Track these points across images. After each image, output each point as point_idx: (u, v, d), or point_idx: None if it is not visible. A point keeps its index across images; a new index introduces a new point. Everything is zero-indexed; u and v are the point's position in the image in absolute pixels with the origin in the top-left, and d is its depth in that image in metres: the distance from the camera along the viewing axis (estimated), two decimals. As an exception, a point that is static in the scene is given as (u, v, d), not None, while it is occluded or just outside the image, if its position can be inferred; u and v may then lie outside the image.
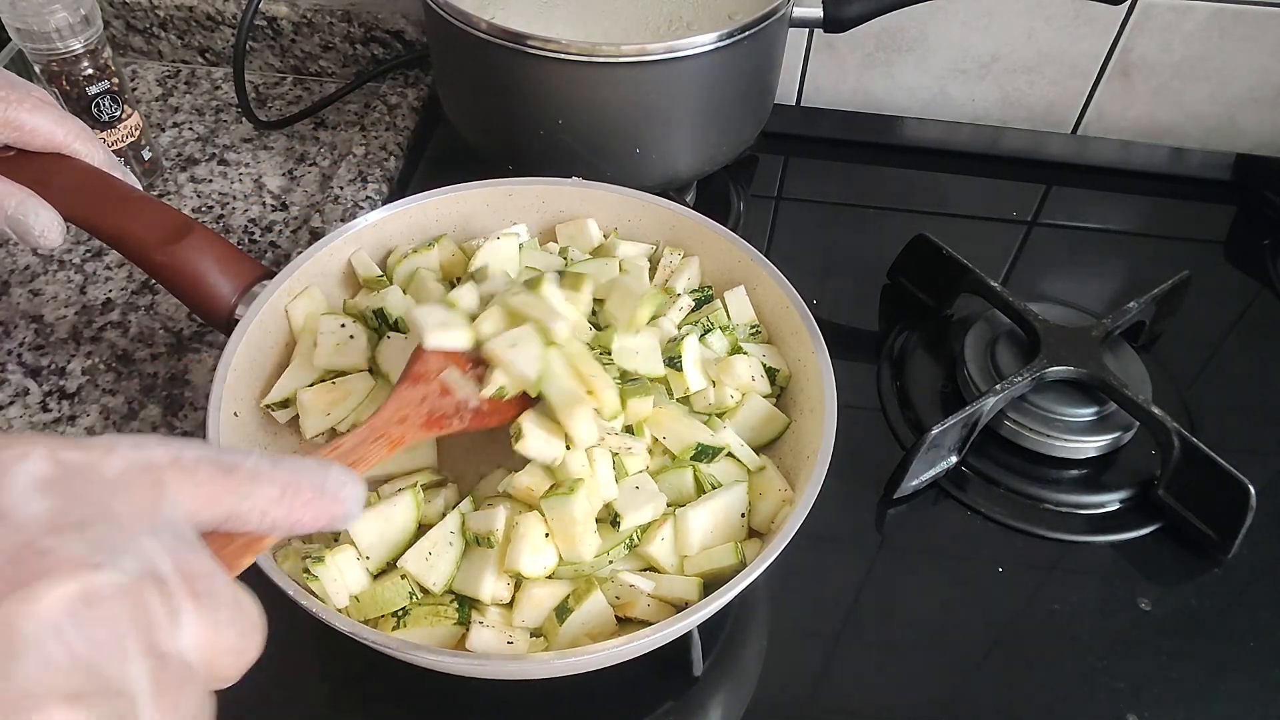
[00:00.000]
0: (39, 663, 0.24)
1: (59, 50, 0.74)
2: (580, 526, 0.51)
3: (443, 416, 0.52)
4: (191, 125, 0.93)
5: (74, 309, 0.75)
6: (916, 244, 0.80)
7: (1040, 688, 0.58)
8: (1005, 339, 0.74)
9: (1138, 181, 0.95)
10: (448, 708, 0.57)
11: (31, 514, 0.26)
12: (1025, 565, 0.64)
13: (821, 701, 0.57)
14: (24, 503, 0.26)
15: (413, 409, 0.51)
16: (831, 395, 0.56)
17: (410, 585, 0.51)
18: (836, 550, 0.65)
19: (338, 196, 0.85)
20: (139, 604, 0.26)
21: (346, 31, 0.96)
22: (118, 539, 0.27)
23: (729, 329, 0.63)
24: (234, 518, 0.31)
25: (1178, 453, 0.65)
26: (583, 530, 0.52)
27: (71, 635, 0.24)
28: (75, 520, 0.26)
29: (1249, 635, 0.61)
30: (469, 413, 0.53)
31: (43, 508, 0.26)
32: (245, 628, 0.30)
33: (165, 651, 0.27)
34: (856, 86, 0.99)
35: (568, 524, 0.51)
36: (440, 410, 0.52)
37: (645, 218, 0.69)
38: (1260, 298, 0.85)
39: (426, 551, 0.52)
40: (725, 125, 0.79)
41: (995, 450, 0.70)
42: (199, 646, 0.28)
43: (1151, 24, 0.91)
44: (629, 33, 0.88)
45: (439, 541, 0.53)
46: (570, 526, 0.51)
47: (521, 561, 0.51)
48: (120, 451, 0.29)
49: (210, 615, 0.28)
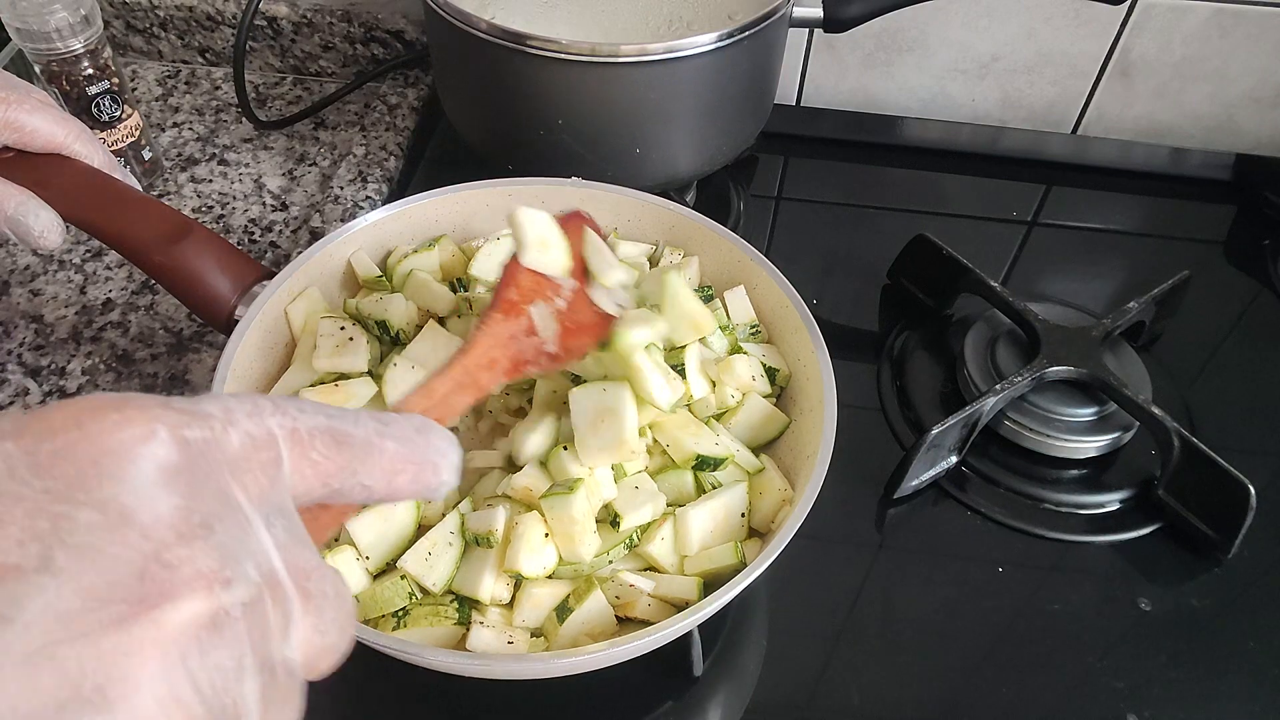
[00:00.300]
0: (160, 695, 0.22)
1: (59, 50, 0.74)
2: (580, 526, 0.51)
3: (524, 360, 0.47)
4: (191, 125, 0.93)
5: (74, 309, 0.75)
6: (916, 244, 0.80)
7: (1040, 688, 0.58)
8: (1005, 339, 0.74)
9: (1138, 181, 0.95)
10: (448, 708, 0.57)
11: (158, 515, 0.23)
12: (1025, 565, 0.64)
13: (821, 701, 0.57)
14: (151, 501, 0.23)
15: (501, 350, 0.46)
16: (831, 395, 0.56)
17: (410, 586, 0.51)
18: (836, 550, 0.65)
19: (338, 196, 0.85)
20: (259, 617, 0.24)
21: (346, 31, 0.96)
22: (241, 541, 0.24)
23: (729, 329, 0.63)
24: (340, 493, 0.29)
25: (1178, 453, 0.65)
26: (582, 530, 0.52)
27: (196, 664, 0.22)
28: (201, 521, 0.23)
29: (1249, 635, 0.61)
30: (545, 357, 0.48)
31: (170, 506, 0.23)
32: (345, 623, 0.27)
33: (275, 662, 0.24)
34: (856, 86, 0.99)
35: (567, 524, 0.51)
36: (523, 353, 0.47)
37: (645, 218, 0.69)
38: (1260, 298, 0.85)
39: (426, 552, 0.52)
40: (725, 125, 0.79)
41: (995, 450, 0.70)
42: (304, 648, 0.26)
43: (1151, 24, 0.91)
44: (629, 33, 0.88)
45: (439, 542, 0.53)
46: (570, 526, 0.51)
47: (521, 561, 0.51)
48: (239, 423, 0.26)
49: (318, 617, 0.26)
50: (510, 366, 0.47)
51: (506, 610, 0.52)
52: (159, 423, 0.24)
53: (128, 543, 0.22)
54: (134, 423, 0.23)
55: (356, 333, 0.60)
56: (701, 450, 0.55)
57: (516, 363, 0.48)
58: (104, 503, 0.22)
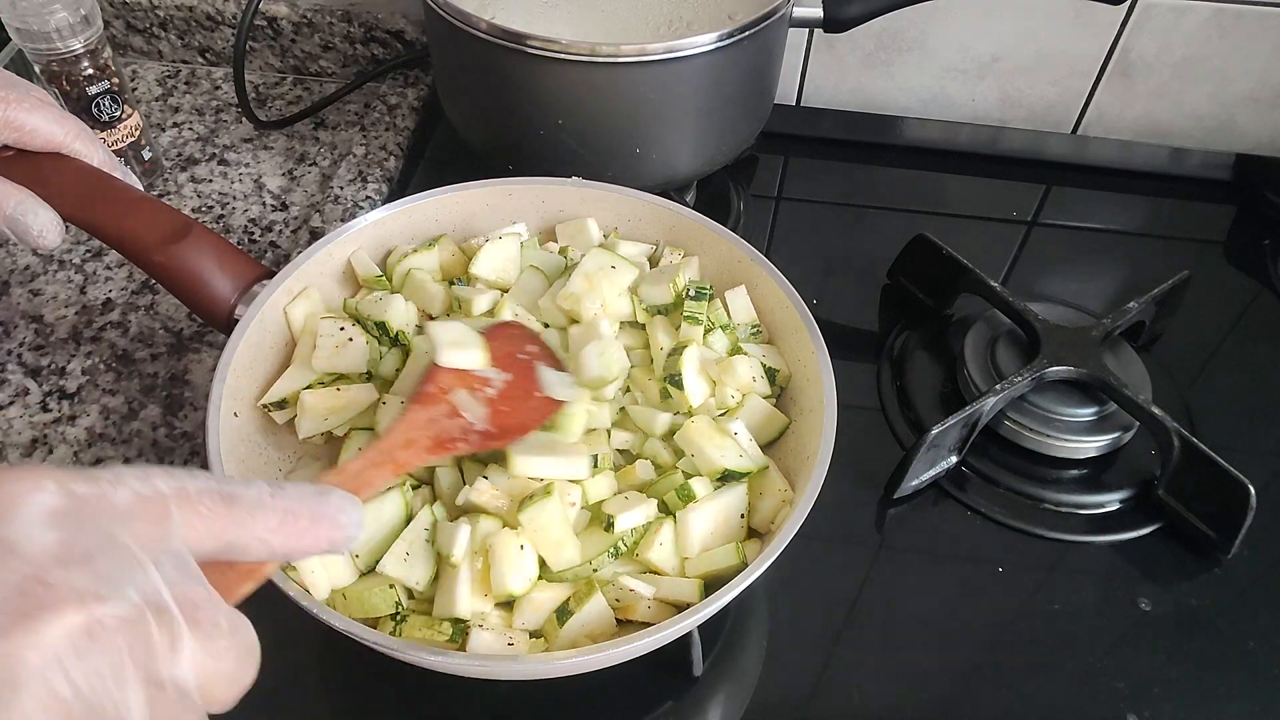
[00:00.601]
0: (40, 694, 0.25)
1: (59, 50, 0.74)
2: (560, 530, 0.51)
3: (450, 439, 0.51)
4: (191, 125, 0.93)
5: (74, 309, 0.75)
6: (916, 244, 0.80)
7: (1040, 688, 0.58)
8: (1005, 339, 0.74)
9: (1138, 181, 0.95)
10: (448, 709, 0.57)
11: (40, 546, 0.27)
12: (1025, 565, 0.64)
13: (821, 702, 0.57)
14: (34, 534, 0.27)
15: (420, 432, 0.50)
16: (831, 395, 0.56)
17: (397, 594, 0.51)
18: (836, 550, 0.65)
19: (338, 196, 0.85)
20: (140, 634, 0.27)
21: (346, 31, 0.96)
22: (122, 570, 0.27)
23: (729, 328, 0.63)
24: (234, 547, 0.32)
25: (1178, 453, 0.65)
26: (562, 534, 0.51)
27: (73, 667, 0.25)
28: (81, 552, 0.27)
29: (1249, 635, 0.61)
30: (476, 435, 0.52)
31: (51, 540, 0.27)
32: (242, 655, 0.31)
33: (163, 679, 0.27)
34: (856, 86, 0.99)
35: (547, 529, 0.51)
36: (447, 433, 0.51)
37: (645, 218, 0.69)
38: (1260, 298, 0.85)
39: (404, 553, 0.52)
40: (725, 125, 0.79)
41: (995, 450, 0.70)
42: (197, 673, 0.29)
43: (1151, 24, 0.91)
44: (629, 33, 0.88)
45: (414, 541, 0.52)
46: (549, 532, 0.51)
47: (508, 582, 0.50)
48: (127, 483, 0.30)
49: (208, 643, 0.29)
50: (432, 445, 0.50)
51: (506, 613, 0.52)
52: (48, 478, 0.28)
53: (11, 568, 0.26)
54: (27, 479, 0.28)
55: (355, 333, 0.60)
56: (728, 465, 0.56)
57: (439, 441, 0.51)
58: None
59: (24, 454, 0.65)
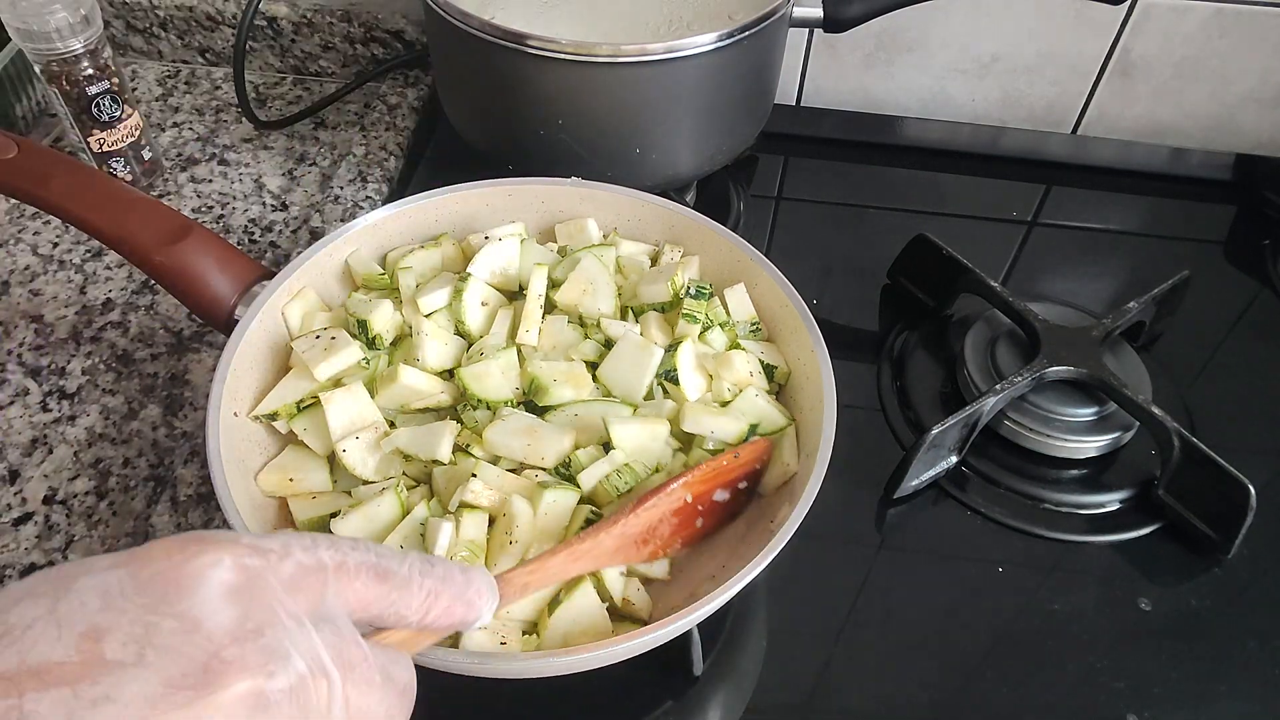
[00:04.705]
0: None
1: (59, 50, 0.74)
2: None
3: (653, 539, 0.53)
4: (191, 125, 0.93)
5: (74, 309, 0.75)
6: (916, 244, 0.80)
7: (1040, 688, 0.58)
8: (1005, 339, 0.74)
9: (1138, 181, 0.95)
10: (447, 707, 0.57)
11: (220, 623, 0.30)
12: (1025, 565, 0.64)
13: (821, 701, 0.57)
14: (214, 612, 0.30)
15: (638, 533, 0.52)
16: (831, 395, 0.56)
17: None
18: (836, 550, 0.65)
19: (338, 196, 0.85)
20: (305, 700, 0.30)
21: (346, 31, 0.96)
22: (287, 641, 0.31)
23: (728, 325, 0.63)
24: (379, 619, 0.36)
25: (1178, 453, 0.65)
26: None
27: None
28: (253, 628, 0.30)
29: (1249, 635, 0.61)
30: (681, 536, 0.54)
31: (229, 617, 0.30)
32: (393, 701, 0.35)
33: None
34: (856, 86, 0.99)
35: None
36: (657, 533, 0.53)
37: (645, 218, 0.69)
38: (1260, 298, 0.85)
39: (397, 546, 0.52)
40: (725, 125, 0.79)
41: (995, 450, 0.70)
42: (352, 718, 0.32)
43: (1151, 24, 0.91)
44: (629, 33, 0.88)
45: (409, 536, 0.52)
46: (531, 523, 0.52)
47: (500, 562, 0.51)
48: (293, 555, 0.33)
49: (364, 697, 0.33)
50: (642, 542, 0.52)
51: None
52: (225, 553, 0.31)
53: (196, 644, 0.29)
54: (207, 553, 0.31)
55: (337, 331, 0.60)
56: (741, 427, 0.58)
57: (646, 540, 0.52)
58: (181, 614, 0.29)
59: (24, 454, 0.65)
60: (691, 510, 0.54)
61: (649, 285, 0.63)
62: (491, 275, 0.65)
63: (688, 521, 0.54)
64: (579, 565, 0.49)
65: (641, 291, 0.63)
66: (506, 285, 0.65)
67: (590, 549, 0.49)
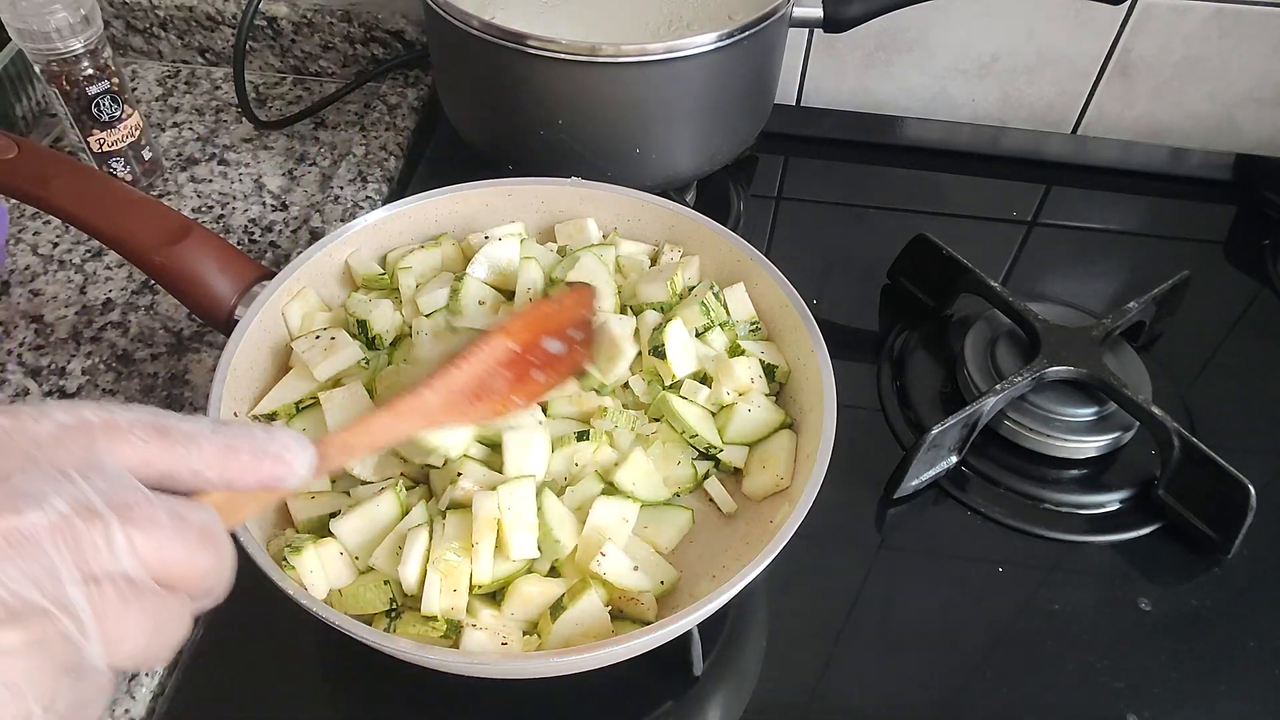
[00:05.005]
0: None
1: (59, 50, 0.74)
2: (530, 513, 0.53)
3: (491, 392, 0.51)
4: (191, 125, 0.93)
5: (74, 309, 0.75)
6: (916, 244, 0.80)
7: (1040, 688, 0.58)
8: (1005, 339, 0.74)
9: (1138, 181, 0.95)
10: (446, 707, 0.57)
11: None
12: (1025, 565, 0.64)
13: (821, 701, 0.57)
14: None
15: (465, 384, 0.50)
16: (831, 395, 0.56)
17: (391, 590, 0.51)
18: (836, 550, 0.65)
19: (338, 196, 0.85)
20: (68, 536, 0.29)
21: (346, 31, 0.96)
22: (42, 485, 0.30)
23: (728, 324, 0.63)
24: (169, 476, 0.34)
25: (1178, 453, 0.65)
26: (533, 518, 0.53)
27: (1, 570, 0.28)
28: (1, 475, 0.30)
29: (1249, 635, 0.61)
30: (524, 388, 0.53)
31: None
32: (191, 540, 0.32)
33: (102, 573, 0.30)
34: (856, 86, 0.99)
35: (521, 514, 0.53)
36: (490, 388, 0.51)
37: (645, 218, 0.69)
38: (1260, 298, 0.85)
39: (395, 548, 0.52)
40: (725, 125, 0.79)
41: (995, 450, 0.70)
42: (145, 564, 0.31)
43: (1151, 24, 0.91)
44: (629, 33, 0.88)
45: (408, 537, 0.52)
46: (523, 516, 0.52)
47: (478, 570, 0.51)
48: (52, 415, 0.32)
49: (149, 536, 0.31)
50: (474, 397, 0.50)
51: (498, 611, 0.52)
52: None
53: None
54: None
55: (337, 331, 0.60)
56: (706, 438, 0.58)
57: (480, 394, 0.50)
58: None
59: (24, 454, 0.65)
60: (523, 361, 0.52)
61: (648, 285, 0.63)
62: (491, 275, 0.65)
63: (523, 374, 0.52)
64: (405, 423, 0.46)
65: (641, 291, 0.63)
66: (506, 285, 0.65)
67: (415, 406, 0.46)
